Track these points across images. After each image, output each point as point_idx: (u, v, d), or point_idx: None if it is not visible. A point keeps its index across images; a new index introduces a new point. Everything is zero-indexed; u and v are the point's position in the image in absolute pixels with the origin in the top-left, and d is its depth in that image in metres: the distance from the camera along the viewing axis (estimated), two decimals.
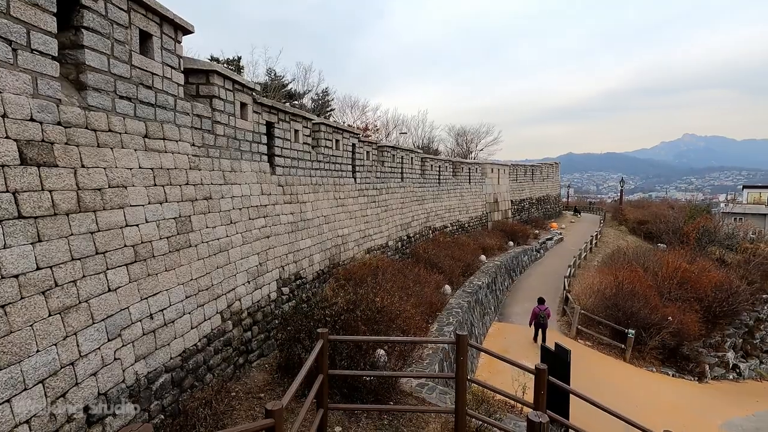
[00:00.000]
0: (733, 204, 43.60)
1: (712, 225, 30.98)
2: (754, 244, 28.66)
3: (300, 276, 9.86)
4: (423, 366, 8.24)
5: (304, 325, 6.60)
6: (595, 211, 49.65)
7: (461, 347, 5.06)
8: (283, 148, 9.69)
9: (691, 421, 11.21)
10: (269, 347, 8.15)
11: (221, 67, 7.26)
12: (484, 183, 28.79)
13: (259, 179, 8.55)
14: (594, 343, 15.36)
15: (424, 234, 19.94)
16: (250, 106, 8.30)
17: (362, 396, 6.24)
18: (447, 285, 14.41)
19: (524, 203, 36.42)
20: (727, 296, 19.26)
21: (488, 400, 6.58)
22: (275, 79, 29.03)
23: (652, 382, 13.82)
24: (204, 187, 6.75)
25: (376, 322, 6.70)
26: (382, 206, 15.83)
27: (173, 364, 5.63)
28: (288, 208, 9.66)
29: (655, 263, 20.75)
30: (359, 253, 13.40)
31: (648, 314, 15.73)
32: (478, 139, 45.49)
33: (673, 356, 16.11)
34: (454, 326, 10.97)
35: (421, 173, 20.59)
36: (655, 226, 33.12)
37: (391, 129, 39.01)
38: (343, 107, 36.42)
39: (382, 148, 16.58)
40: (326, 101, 33.97)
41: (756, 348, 21.67)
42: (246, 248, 7.78)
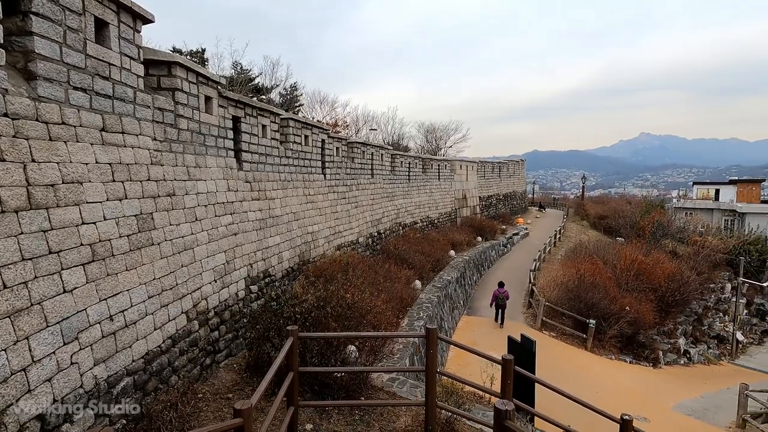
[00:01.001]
0: (684, 200, 46.21)
1: (666, 219, 32.76)
2: (702, 237, 30.52)
3: (269, 274, 9.70)
4: (394, 360, 8.31)
5: (274, 323, 6.51)
6: (559, 206, 51.43)
7: (431, 341, 5.14)
8: (250, 144, 9.48)
9: (647, 404, 11.86)
10: (238, 347, 7.99)
11: (184, 59, 7.01)
12: (453, 180, 29.22)
13: (225, 175, 8.34)
14: (558, 334, 15.96)
15: (394, 230, 20.05)
16: (215, 100, 8.07)
17: (333, 392, 6.23)
18: (417, 280, 14.57)
19: (492, 199, 37.25)
20: (678, 286, 20.48)
21: (458, 392, 6.70)
22: (241, 72, 28.31)
23: (611, 369, 14.53)
24: (167, 183, 6.52)
25: (347, 319, 6.69)
26: (352, 203, 15.78)
27: (135, 367, 5.42)
28: (256, 204, 9.47)
29: (614, 256, 21.76)
30: (329, 249, 13.32)
31: (608, 305, 16.50)
32: (447, 137, 46.12)
33: (631, 344, 17.00)
34: (425, 321, 11.11)
35: (391, 170, 20.67)
36: (614, 220, 34.69)
37: (361, 125, 38.91)
38: (313, 103, 35.99)
39: (352, 144, 16.52)
40: (295, 96, 33.44)
41: (704, 334, 23.18)
42: (212, 246, 7.57)
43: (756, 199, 40.79)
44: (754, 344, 24.89)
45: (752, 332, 26.32)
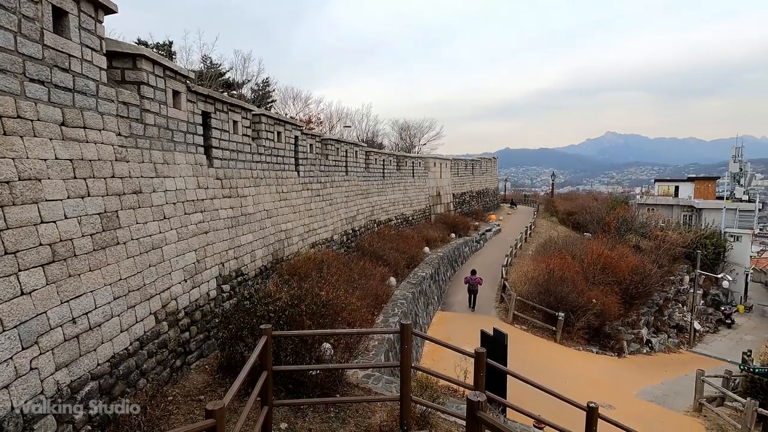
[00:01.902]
0: (646, 196, 48.25)
1: (630, 215, 34.14)
2: (663, 232, 31.97)
3: (241, 272, 9.53)
4: (369, 357, 8.34)
5: (247, 322, 6.41)
6: (530, 203, 52.74)
7: (406, 336, 5.19)
8: (221, 140, 9.27)
9: (612, 392, 12.37)
10: (209, 347, 7.82)
11: (150, 52, 6.77)
12: (427, 177, 29.47)
13: (195, 172, 8.12)
14: (529, 327, 16.40)
15: (369, 227, 20.06)
16: (183, 95, 7.83)
17: (308, 390, 6.20)
18: (392, 277, 14.64)
19: (465, 196, 37.79)
20: (641, 279, 21.40)
21: (432, 386, 6.80)
22: (211, 67, 27.56)
23: (578, 360, 15.06)
24: (133, 180, 6.29)
25: (321, 316, 6.66)
26: (326, 200, 15.68)
27: (101, 371, 5.23)
28: (227, 202, 9.27)
29: (582, 251, 22.51)
30: (304, 247, 13.20)
31: (576, 298, 17.07)
32: (421, 134, 46.41)
33: (597, 335, 17.66)
34: (399, 317, 11.20)
35: (366, 167, 20.65)
36: (582, 216, 35.86)
37: (334, 122, 38.63)
38: (285, 98, 35.45)
39: (326, 141, 16.40)
40: (267, 92, 32.84)
41: (665, 324, 24.34)
42: (182, 245, 7.37)
43: (712, 196, 43.03)
44: (710, 333, 26.33)
45: (708, 321, 27.84)
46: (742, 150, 44.76)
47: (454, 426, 6.28)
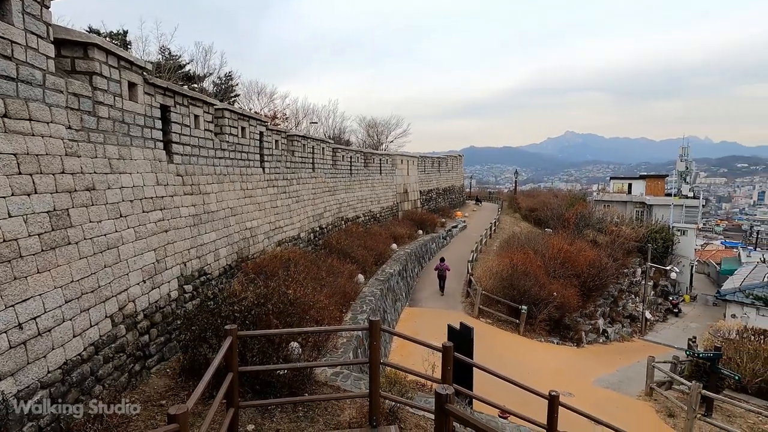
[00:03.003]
0: (602, 193, 50.59)
1: (587, 211, 35.68)
2: (618, 227, 33.64)
3: (204, 272, 9.24)
4: (338, 355, 8.31)
5: (211, 323, 6.22)
6: (494, 200, 54.02)
7: (374, 333, 5.20)
8: (181, 135, 8.93)
9: (572, 381, 12.93)
10: (171, 350, 7.54)
11: (103, 41, 6.41)
12: (394, 174, 29.60)
13: (153, 168, 7.78)
14: (494, 321, 16.85)
15: (336, 225, 19.94)
16: (140, 87, 7.48)
17: (276, 390, 6.10)
18: (360, 274, 14.63)
19: (432, 193, 38.26)
20: (598, 272, 22.45)
21: (400, 381, 6.85)
22: (170, 58, 26.45)
23: (541, 351, 15.63)
24: (85, 176, 5.95)
25: (289, 315, 6.56)
26: (293, 197, 15.45)
27: (52, 379, 4.93)
28: (189, 199, 8.95)
29: (543, 246, 23.33)
30: (270, 245, 12.95)
31: (538, 291, 17.68)
32: (389, 131, 46.51)
33: (558, 326, 18.38)
34: (368, 314, 11.21)
35: (333, 164, 20.49)
36: (543, 213, 37.14)
37: (301, 118, 38.04)
38: (249, 93, 34.53)
39: (292, 137, 16.14)
40: (230, 86, 31.88)
41: (619, 314, 25.66)
42: (140, 244, 7.05)
43: (661, 192, 45.65)
44: (659, 321, 28.01)
45: (658, 311, 29.60)
46: (688, 150, 47.73)
47: (422, 420, 6.37)
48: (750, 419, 10.99)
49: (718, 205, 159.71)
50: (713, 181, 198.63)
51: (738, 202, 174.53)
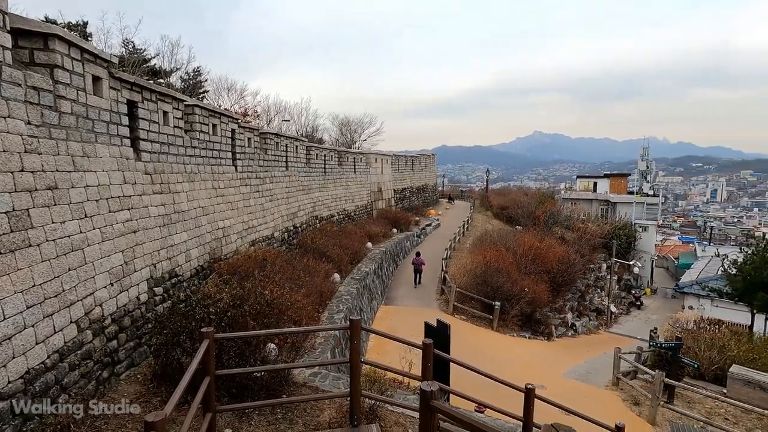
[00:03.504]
0: (569, 191, 52.33)
1: (556, 209, 36.81)
2: (584, 224, 34.88)
3: (176, 274, 8.94)
4: (316, 355, 8.23)
5: (184, 326, 6.02)
6: (466, 198, 54.87)
7: (354, 332, 5.18)
8: (149, 132, 8.60)
9: (543, 374, 13.32)
10: (141, 355, 7.26)
11: (64, 31, 6.08)
12: (368, 172, 29.57)
13: (120, 166, 7.47)
14: (468, 317, 17.13)
15: (311, 224, 19.74)
16: (105, 81, 7.15)
17: (254, 393, 5.98)
18: (336, 273, 14.55)
19: (405, 192, 38.47)
20: (567, 268, 23.20)
21: (380, 380, 6.87)
22: (134, 52, 25.43)
23: (513, 345, 16.01)
24: (47, 174, 5.64)
25: (266, 316, 6.44)
26: (266, 196, 15.18)
27: (12, 389, 4.65)
28: (158, 198, 8.64)
29: (515, 243, 23.90)
30: (243, 245, 12.68)
31: (510, 287, 18.10)
32: (362, 130, 46.40)
33: (529, 321, 18.88)
34: (345, 313, 11.16)
35: (307, 162, 20.26)
36: (514, 210, 38.04)
37: (272, 115, 37.38)
38: (219, 89, 33.62)
39: (265, 134, 15.85)
40: (198, 82, 30.96)
41: (586, 308, 26.62)
42: (107, 245, 6.75)
43: (624, 191, 47.62)
44: (623, 314, 29.24)
45: (622, 304, 30.88)
46: (648, 150, 50.03)
47: (401, 417, 6.41)
48: (707, 404, 11.63)
49: (675, 202, 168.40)
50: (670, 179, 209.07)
51: (693, 200, 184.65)
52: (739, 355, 13.81)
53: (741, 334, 18.04)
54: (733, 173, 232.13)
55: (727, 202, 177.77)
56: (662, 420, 10.62)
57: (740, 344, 15.07)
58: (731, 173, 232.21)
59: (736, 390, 11.85)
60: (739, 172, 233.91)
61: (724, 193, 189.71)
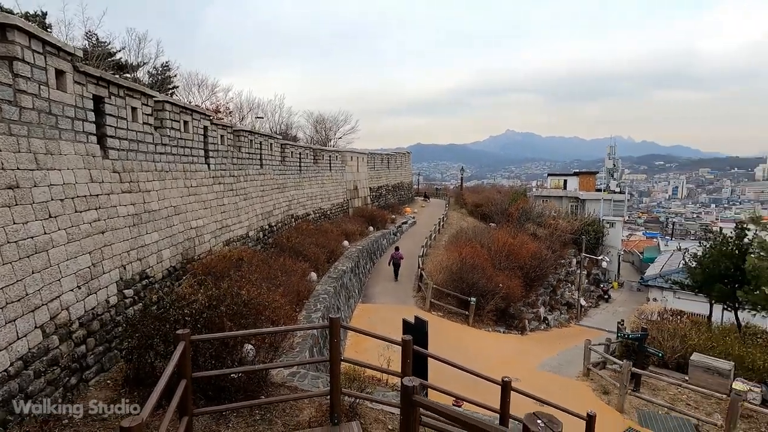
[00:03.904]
0: (541, 189, 53.67)
1: (528, 206, 37.70)
2: (555, 220, 35.88)
3: (147, 275, 8.68)
4: (294, 355, 8.16)
5: (158, 328, 5.86)
6: (441, 196, 55.45)
7: (334, 330, 5.17)
8: (117, 128, 8.30)
9: (518, 367, 13.65)
10: (111, 360, 7.02)
11: (24, 22, 5.78)
12: (344, 171, 29.45)
13: (86, 164, 7.17)
14: (444, 313, 17.35)
15: (286, 222, 19.51)
16: (69, 75, 6.85)
17: (231, 395, 5.88)
18: (313, 272, 14.45)
19: (381, 190, 38.53)
20: (539, 263, 23.82)
21: (359, 378, 6.88)
22: (98, 45, 24.38)
23: (489, 340, 16.34)
24: (6, 173, 5.36)
25: (243, 316, 6.34)
26: (240, 195, 14.90)
27: None
28: (128, 198, 8.35)
29: (489, 239, 24.35)
30: (217, 245, 12.42)
31: (485, 283, 18.44)
32: (337, 128, 46.09)
33: (503, 316, 19.30)
34: (322, 312, 11.11)
35: (282, 160, 20.00)
36: (488, 208, 38.74)
37: (245, 112, 36.63)
38: (189, 85, 32.64)
39: (239, 132, 15.55)
40: (168, 77, 29.98)
41: (558, 302, 27.42)
42: (73, 247, 6.48)
43: (592, 188, 49.24)
44: (593, 307, 30.29)
45: (591, 298, 31.98)
46: (614, 149, 51.90)
47: (380, 413, 6.44)
48: (671, 391, 12.22)
49: (639, 199, 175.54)
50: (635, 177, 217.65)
51: (656, 197, 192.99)
52: (699, 343, 14.56)
53: (701, 323, 19.04)
54: (693, 171, 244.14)
55: (687, 199, 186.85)
56: (630, 407, 11.08)
57: (700, 333, 15.89)
58: (691, 171, 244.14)
59: (697, 377, 12.49)
60: (698, 170, 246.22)
61: (684, 190, 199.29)
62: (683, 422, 10.47)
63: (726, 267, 18.47)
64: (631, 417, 10.73)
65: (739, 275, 17.69)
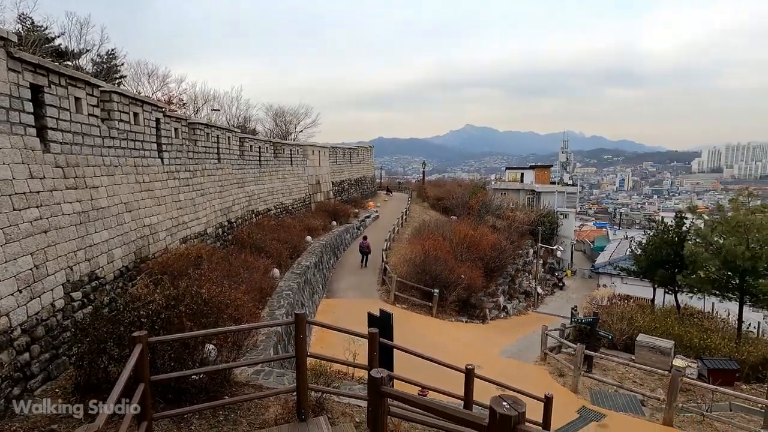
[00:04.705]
0: (499, 182, 55.32)
1: (488, 199, 38.78)
2: (513, 213, 37.14)
3: (96, 276, 8.20)
4: (258, 352, 8.01)
5: (112, 332, 5.55)
6: (404, 190, 55.88)
7: (300, 326, 5.12)
8: (59, 120, 7.74)
9: (480, 354, 14.09)
10: (59, 367, 6.59)
11: None
12: (305, 165, 29.02)
13: (25, 158, 6.66)
14: (409, 305, 17.58)
15: (247, 218, 19.01)
16: (3, 62, 6.31)
17: (192, 397, 5.69)
18: (275, 268, 14.20)
19: (344, 184, 38.32)
20: (498, 254, 24.59)
21: (325, 372, 6.85)
22: (34, 29, 22.55)
23: (452, 330, 16.74)
24: None
25: (203, 315, 6.13)
26: (197, 190, 14.35)
27: None
28: (73, 194, 7.83)
29: (451, 232, 24.84)
30: (173, 243, 11.91)
31: (448, 275, 18.83)
32: (297, 121, 45.19)
33: (465, 306, 19.82)
34: (286, 308, 10.96)
35: (241, 154, 19.42)
36: (450, 201, 39.48)
37: (201, 105, 35.14)
38: (138, 75, 30.83)
39: (194, 125, 14.93)
40: (114, 66, 28.23)
41: (516, 291, 28.47)
42: (12, 248, 6.01)
43: (547, 181, 51.31)
44: (549, 295, 31.71)
45: (547, 286, 33.46)
46: (567, 143, 54.31)
47: (347, 407, 6.46)
48: (620, 370, 13.06)
49: (590, 191, 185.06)
50: (586, 170, 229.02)
51: (605, 189, 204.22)
52: (644, 325, 15.64)
53: (645, 306, 20.42)
54: (637, 164, 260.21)
55: (633, 191, 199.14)
56: (583, 388, 11.75)
57: (645, 316, 17.07)
58: (636, 164, 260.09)
59: (642, 356, 13.42)
60: (642, 163, 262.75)
61: (630, 183, 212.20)
62: (630, 398, 11.24)
63: (667, 253, 19.90)
64: (584, 397, 11.37)
65: (679, 261, 19.11)
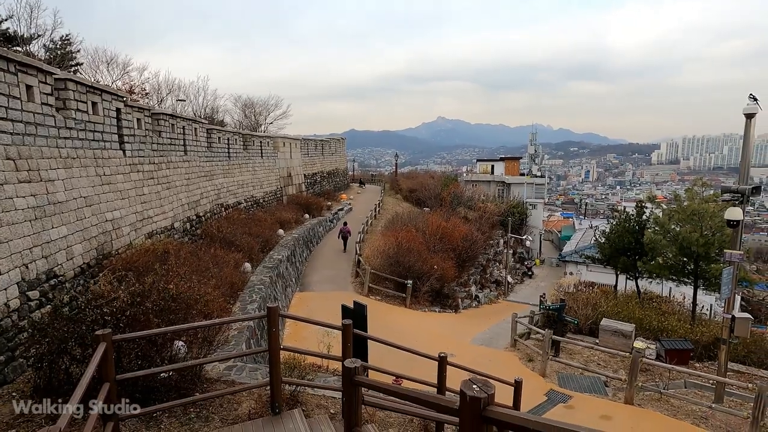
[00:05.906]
0: (470, 174, 56.14)
1: (459, 191, 39.32)
2: (484, 204, 37.85)
3: (55, 274, 7.81)
4: (230, 348, 7.88)
5: (73, 331, 5.31)
6: (377, 182, 55.87)
7: (273, 319, 5.06)
8: (9, 109, 7.28)
9: (453, 343, 14.36)
10: (16, 370, 6.27)
11: None
12: (276, 157, 28.51)
13: None
14: (383, 297, 17.69)
15: (216, 212, 18.54)
16: None
17: (162, 395, 5.54)
18: (247, 263, 13.96)
19: (316, 177, 37.91)
20: (470, 245, 25.02)
21: (299, 366, 6.81)
22: None
23: (425, 320, 16.98)
24: None
25: (171, 312, 5.94)
26: (162, 183, 13.85)
27: None
28: (26, 188, 7.40)
29: (423, 224, 25.08)
30: (138, 238, 11.48)
31: (421, 266, 19.03)
32: (267, 112, 44.21)
33: (438, 296, 20.11)
34: (258, 303, 10.80)
35: (208, 146, 18.87)
36: (422, 193, 39.80)
37: (165, 95, 33.80)
38: (96, 62, 29.26)
39: (158, 115, 14.36)
40: (68, 52, 26.65)
41: (487, 281, 29.11)
42: None
43: (516, 173, 52.47)
44: (518, 283, 32.60)
45: (517, 275, 34.39)
46: (535, 136, 55.59)
47: (322, 399, 6.47)
48: (585, 354, 13.62)
49: (557, 182, 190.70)
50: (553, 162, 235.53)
51: (571, 180, 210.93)
52: (608, 310, 16.34)
53: (609, 292, 21.31)
54: (602, 156, 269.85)
55: (598, 182, 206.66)
56: (551, 371, 12.19)
57: (608, 301, 17.83)
58: (600, 156, 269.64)
59: (605, 339, 14.03)
60: (606, 155, 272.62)
61: (595, 174, 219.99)
62: (595, 380, 11.76)
63: (628, 241, 20.82)
64: (552, 380, 11.81)
65: (639, 248, 20.04)
